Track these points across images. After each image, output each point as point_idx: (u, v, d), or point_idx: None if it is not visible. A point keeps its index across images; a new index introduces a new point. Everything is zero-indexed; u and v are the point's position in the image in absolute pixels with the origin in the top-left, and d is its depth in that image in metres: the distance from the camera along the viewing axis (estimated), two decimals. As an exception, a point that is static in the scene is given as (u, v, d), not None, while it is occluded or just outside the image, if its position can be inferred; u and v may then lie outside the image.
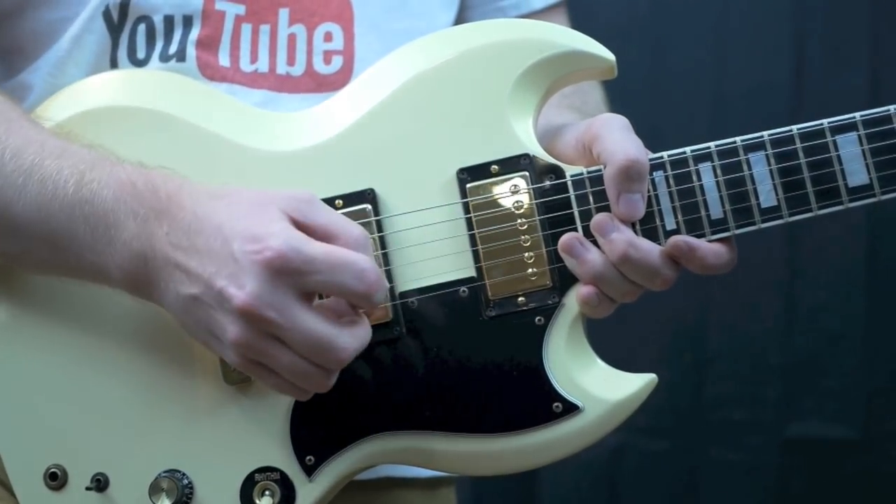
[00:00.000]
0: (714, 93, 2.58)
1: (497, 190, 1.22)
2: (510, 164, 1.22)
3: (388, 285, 1.18)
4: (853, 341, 2.52)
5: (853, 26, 2.53)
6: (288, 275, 1.09)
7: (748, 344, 2.56)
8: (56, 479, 1.24)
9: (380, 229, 1.23)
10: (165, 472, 1.23)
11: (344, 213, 1.22)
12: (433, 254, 1.22)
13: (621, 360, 1.24)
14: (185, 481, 1.23)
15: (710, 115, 2.57)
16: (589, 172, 1.22)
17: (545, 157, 1.23)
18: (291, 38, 1.37)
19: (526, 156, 1.23)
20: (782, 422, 2.53)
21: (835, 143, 1.20)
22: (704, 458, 2.56)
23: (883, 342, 2.51)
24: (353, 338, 1.12)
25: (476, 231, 1.22)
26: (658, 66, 2.59)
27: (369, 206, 1.23)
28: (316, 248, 1.10)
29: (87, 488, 1.24)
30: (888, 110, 1.20)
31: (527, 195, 1.22)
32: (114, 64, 1.34)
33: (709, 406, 2.56)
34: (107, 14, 1.33)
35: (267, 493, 1.23)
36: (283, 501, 1.22)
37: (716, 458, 2.55)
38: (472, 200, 1.22)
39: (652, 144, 1.23)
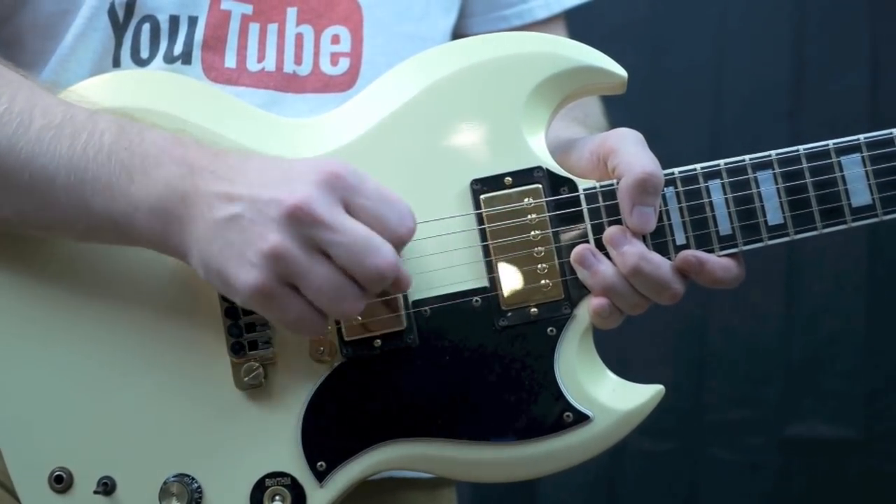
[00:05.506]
0: (714, 93, 2.58)
1: (511, 201, 1.23)
2: (524, 177, 1.23)
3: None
4: (853, 341, 2.52)
5: (853, 26, 2.54)
6: (341, 189, 1.11)
7: (748, 344, 2.56)
8: (61, 482, 1.23)
9: None
10: (174, 476, 1.23)
11: None
12: (447, 263, 1.23)
13: (622, 360, 1.25)
14: (195, 485, 1.23)
15: (710, 116, 2.57)
16: (602, 186, 1.23)
17: (558, 170, 1.24)
18: (299, 38, 1.37)
19: (539, 168, 1.23)
20: (782, 422, 2.53)
21: (839, 163, 1.21)
22: (704, 458, 2.56)
23: (883, 342, 2.51)
24: (393, 253, 1.12)
25: (490, 242, 1.23)
26: (658, 67, 2.59)
27: None
28: (370, 180, 1.13)
29: (95, 492, 1.23)
30: (891, 133, 1.22)
31: (540, 207, 1.23)
32: (116, 63, 1.33)
33: (709, 406, 2.56)
34: (112, 12, 1.32)
35: (277, 497, 1.23)
36: None
37: (716, 458, 2.55)
38: (485, 211, 1.23)
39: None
